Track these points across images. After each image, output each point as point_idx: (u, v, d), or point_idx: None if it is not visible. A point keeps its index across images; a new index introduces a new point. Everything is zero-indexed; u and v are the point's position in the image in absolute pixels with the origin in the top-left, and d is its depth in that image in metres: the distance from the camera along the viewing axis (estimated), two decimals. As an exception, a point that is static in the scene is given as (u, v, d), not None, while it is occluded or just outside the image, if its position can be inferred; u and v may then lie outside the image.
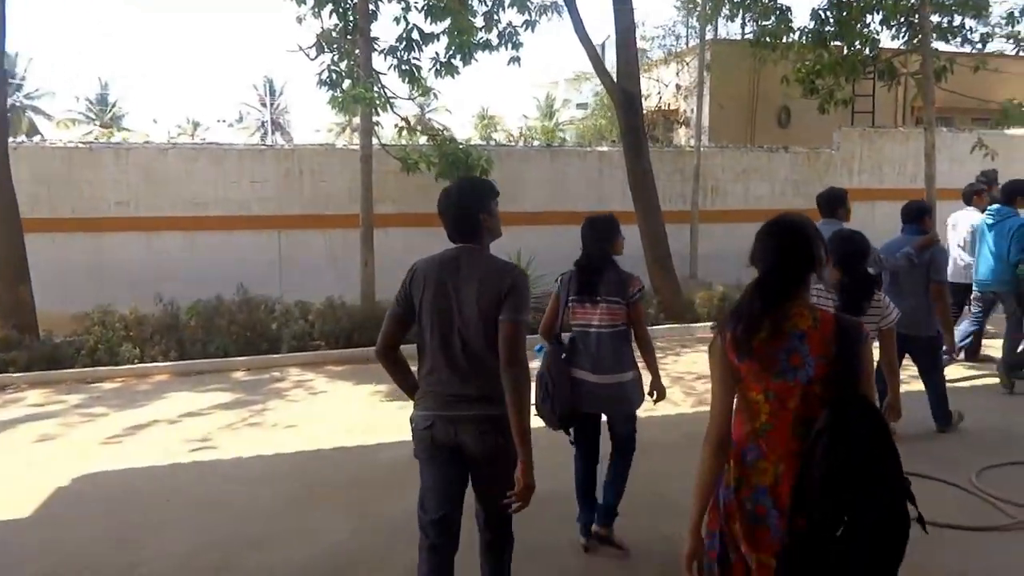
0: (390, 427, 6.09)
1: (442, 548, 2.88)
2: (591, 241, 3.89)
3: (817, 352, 2.17)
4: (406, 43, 9.91)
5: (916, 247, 5.49)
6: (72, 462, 5.42)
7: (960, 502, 4.45)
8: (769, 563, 2.20)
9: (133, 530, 4.32)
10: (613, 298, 3.78)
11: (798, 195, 12.76)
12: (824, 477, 2.05)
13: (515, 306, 2.72)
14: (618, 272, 3.85)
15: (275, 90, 46.69)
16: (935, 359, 5.64)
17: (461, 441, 2.77)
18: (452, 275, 2.79)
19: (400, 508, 4.50)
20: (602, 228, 3.90)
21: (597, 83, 19.93)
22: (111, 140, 11.68)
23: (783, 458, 2.19)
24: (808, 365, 2.17)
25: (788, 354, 2.19)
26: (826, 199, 5.74)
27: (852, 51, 12.29)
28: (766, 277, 2.25)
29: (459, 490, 2.89)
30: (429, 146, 10.47)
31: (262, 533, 4.26)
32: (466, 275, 2.78)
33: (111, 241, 10.09)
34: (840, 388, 2.15)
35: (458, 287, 2.77)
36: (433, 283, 2.80)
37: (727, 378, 2.28)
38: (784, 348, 2.19)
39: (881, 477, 2.10)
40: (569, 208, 11.52)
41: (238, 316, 8.84)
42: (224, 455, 5.56)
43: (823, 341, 2.17)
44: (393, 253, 10.16)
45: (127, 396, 7.32)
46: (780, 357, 2.19)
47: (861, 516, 2.06)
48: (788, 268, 2.25)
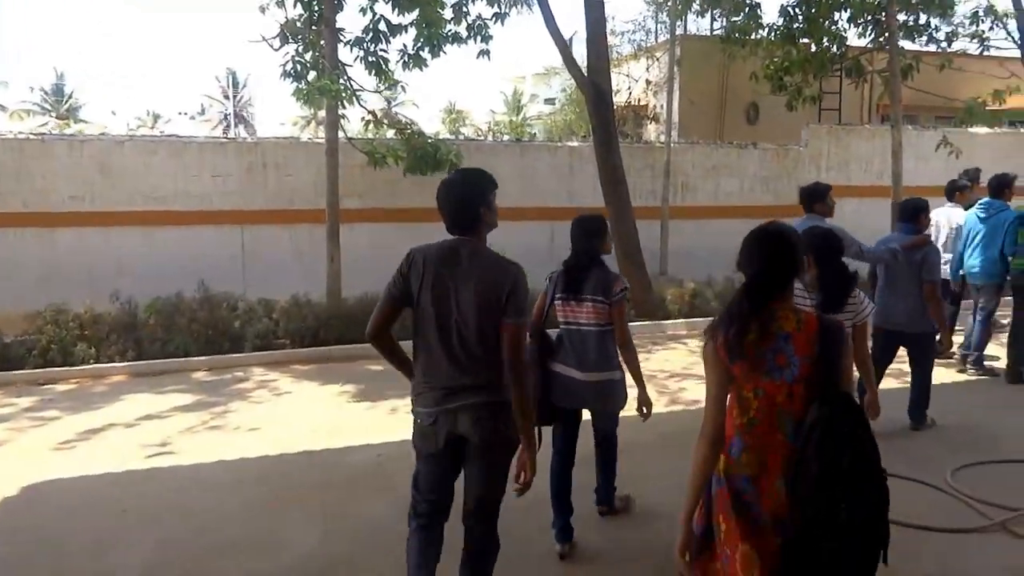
0: (357, 429, 5.93)
1: (433, 522, 3.00)
2: (579, 240, 3.93)
3: (802, 352, 2.30)
4: (373, 34, 9.66)
5: (904, 245, 5.49)
6: (21, 470, 5.14)
7: (936, 502, 4.42)
8: (750, 554, 2.29)
9: (87, 543, 4.09)
10: (598, 297, 3.81)
11: (767, 192, 12.80)
12: (818, 474, 2.17)
13: (518, 308, 2.79)
14: (604, 272, 3.88)
15: (238, 82, 45.84)
16: (927, 354, 5.67)
17: (461, 431, 2.82)
18: (451, 267, 2.82)
19: (370, 513, 4.36)
20: (590, 227, 3.95)
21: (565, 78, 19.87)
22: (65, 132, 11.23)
23: (766, 449, 2.33)
24: (793, 364, 2.31)
25: (775, 354, 2.32)
26: (807, 195, 5.70)
27: (820, 48, 12.38)
28: (753, 281, 2.40)
29: (452, 478, 3.01)
30: (397, 140, 10.25)
31: (225, 542, 4.06)
32: (465, 268, 2.81)
33: (65, 237, 9.71)
34: (823, 386, 2.28)
35: (457, 280, 2.80)
36: (432, 273, 2.82)
37: (721, 379, 2.39)
38: (771, 348, 2.33)
39: (868, 474, 2.22)
40: (539, 204, 11.41)
41: (199, 314, 8.58)
42: (184, 460, 5.33)
43: (807, 341, 2.31)
44: (360, 249, 10.04)
45: (81, 398, 7.03)
46: (768, 357, 2.33)
47: (852, 513, 2.16)
48: (774, 273, 2.40)
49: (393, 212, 10.76)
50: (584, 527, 4.04)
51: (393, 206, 10.75)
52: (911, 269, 5.45)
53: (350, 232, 9.75)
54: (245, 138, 12.88)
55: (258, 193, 10.46)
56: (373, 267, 10.29)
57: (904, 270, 5.49)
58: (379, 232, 10.62)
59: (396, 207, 10.75)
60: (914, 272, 5.45)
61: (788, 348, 2.31)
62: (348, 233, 9.64)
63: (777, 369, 2.31)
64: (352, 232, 9.87)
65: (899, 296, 5.52)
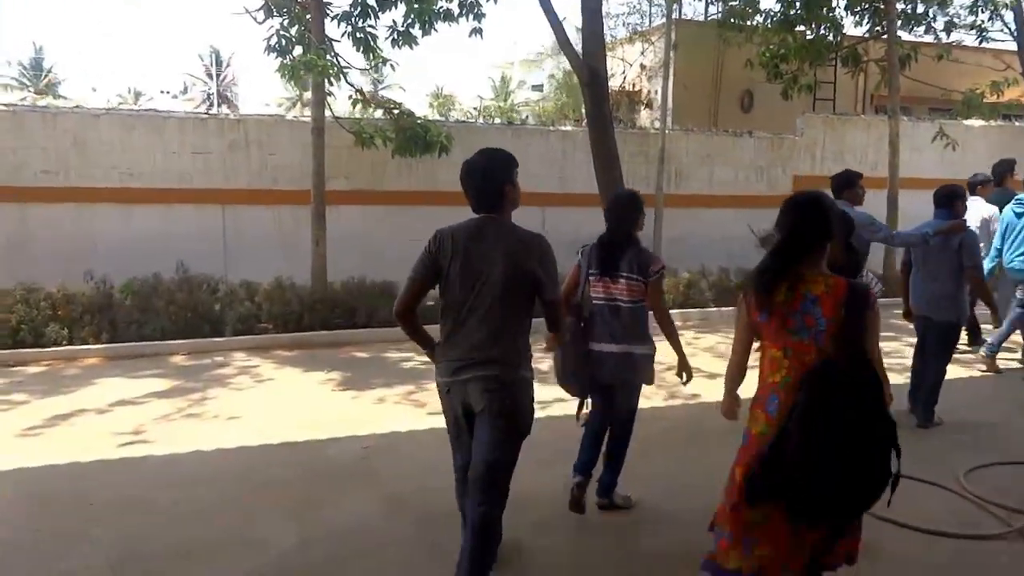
0: (342, 420, 5.66)
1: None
2: (615, 217, 3.96)
3: (829, 314, 2.48)
4: (361, 9, 9.34)
5: (937, 231, 5.42)
6: (-18, 458, 4.83)
7: (948, 505, 4.23)
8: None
9: (49, 538, 3.81)
10: (633, 275, 3.83)
11: (761, 180, 12.60)
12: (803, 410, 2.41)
13: (552, 279, 2.97)
14: (640, 250, 3.91)
15: (221, 61, 45.01)
16: (947, 346, 5.56)
17: (471, 401, 2.93)
18: (477, 244, 2.93)
19: (353, 511, 4.12)
20: (627, 204, 3.99)
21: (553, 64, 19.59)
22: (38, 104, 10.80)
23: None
24: (820, 325, 2.50)
25: (803, 315, 2.52)
26: (838, 182, 5.76)
27: (817, 36, 12.19)
28: (783, 243, 2.61)
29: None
30: (385, 120, 9.92)
31: (198, 540, 3.79)
32: (491, 244, 2.92)
33: (37, 213, 9.30)
34: (844, 346, 2.45)
35: (485, 255, 2.91)
36: (461, 249, 2.93)
37: (748, 330, 2.73)
38: (799, 310, 2.53)
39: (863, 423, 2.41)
40: (531, 188, 10.92)
41: (177, 296, 8.27)
42: (157, 450, 5.04)
43: (835, 304, 2.49)
44: (346, 232, 9.75)
45: (52, 382, 6.72)
46: (796, 318, 2.53)
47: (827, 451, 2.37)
48: (802, 236, 2.59)
49: (380, 195, 10.45)
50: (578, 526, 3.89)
51: (381, 188, 10.45)
52: (941, 255, 5.41)
53: (336, 214, 9.46)
54: (228, 115, 12.46)
55: (241, 172, 10.10)
56: (359, 250, 10.13)
57: (933, 255, 5.46)
58: (366, 215, 10.32)
59: (384, 190, 10.45)
60: (944, 258, 5.41)
61: (816, 310, 2.50)
62: (334, 215, 9.35)
63: (805, 329, 2.51)
64: (338, 214, 9.57)
65: (927, 281, 5.49)
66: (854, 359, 2.45)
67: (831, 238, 2.63)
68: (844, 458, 2.37)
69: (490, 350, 2.89)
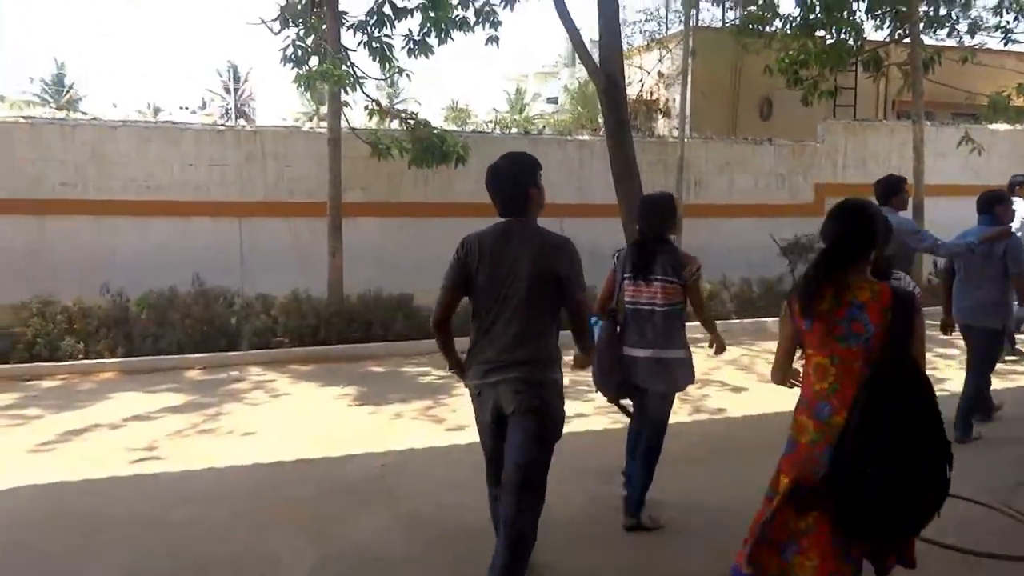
0: (359, 436, 5.55)
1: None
2: (648, 220, 3.93)
3: (876, 320, 2.48)
4: (377, 18, 9.30)
5: (983, 238, 5.24)
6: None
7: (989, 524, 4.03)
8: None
9: (59, 557, 3.72)
10: (668, 277, 3.79)
11: (782, 188, 12.40)
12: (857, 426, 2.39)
13: (578, 283, 2.96)
14: (674, 252, 3.88)
15: (239, 76, 45.39)
16: (988, 355, 5.38)
17: (502, 403, 2.94)
18: (503, 247, 2.95)
19: (369, 529, 4.00)
20: (660, 207, 3.96)
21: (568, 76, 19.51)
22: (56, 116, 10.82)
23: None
24: (869, 332, 2.48)
25: (850, 322, 2.51)
26: (881, 188, 5.60)
27: (837, 40, 12.00)
28: (827, 251, 2.60)
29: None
30: (401, 131, 9.85)
31: (212, 558, 3.68)
32: (517, 247, 2.94)
33: (54, 225, 9.29)
34: (891, 351, 2.43)
35: (512, 259, 2.92)
36: (488, 254, 2.95)
37: (792, 337, 2.70)
38: (846, 317, 2.51)
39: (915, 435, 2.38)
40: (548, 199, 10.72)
41: (194, 309, 8.21)
42: (171, 467, 4.94)
43: (881, 310, 2.48)
44: (362, 244, 9.67)
45: (67, 396, 6.66)
46: (843, 325, 2.51)
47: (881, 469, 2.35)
48: (847, 243, 2.58)
49: (397, 206, 10.36)
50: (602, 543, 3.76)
51: (397, 200, 10.37)
52: (985, 261, 5.24)
53: (352, 226, 9.37)
54: (244, 126, 12.44)
55: (257, 184, 10.06)
56: (376, 262, 10.05)
57: (976, 263, 5.29)
58: (382, 227, 10.23)
59: (400, 201, 10.36)
60: (988, 265, 5.24)
61: (863, 316, 2.49)
62: (350, 227, 9.28)
63: (854, 336, 2.50)
64: (354, 226, 9.48)
65: (969, 289, 5.33)
66: (902, 364, 2.44)
67: (876, 246, 2.61)
68: (892, 463, 2.36)
69: (517, 352, 2.91)
